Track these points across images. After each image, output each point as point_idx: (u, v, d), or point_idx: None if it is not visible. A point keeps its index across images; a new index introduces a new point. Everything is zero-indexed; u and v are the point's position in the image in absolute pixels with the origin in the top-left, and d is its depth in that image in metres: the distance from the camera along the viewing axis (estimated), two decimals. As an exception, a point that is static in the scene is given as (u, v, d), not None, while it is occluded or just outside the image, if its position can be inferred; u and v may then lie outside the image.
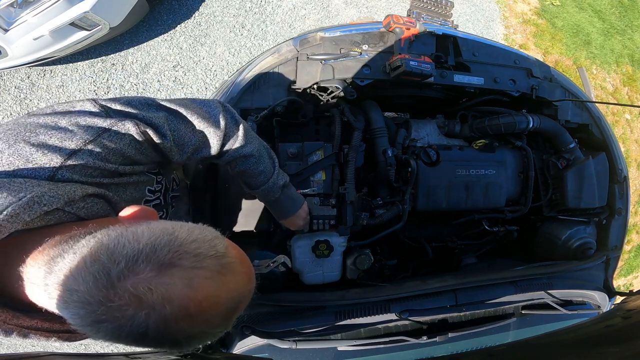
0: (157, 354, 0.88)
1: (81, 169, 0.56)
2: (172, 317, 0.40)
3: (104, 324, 0.39)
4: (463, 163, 1.35)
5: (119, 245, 0.42)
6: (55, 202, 0.50)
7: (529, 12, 3.72)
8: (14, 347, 2.41)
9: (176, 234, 0.45)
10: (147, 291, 0.39)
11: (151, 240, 0.43)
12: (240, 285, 0.48)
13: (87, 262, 0.40)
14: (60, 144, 0.55)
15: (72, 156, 0.55)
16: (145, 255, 0.41)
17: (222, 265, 0.45)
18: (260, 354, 1.14)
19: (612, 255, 1.50)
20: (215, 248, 0.46)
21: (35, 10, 2.00)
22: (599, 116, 1.56)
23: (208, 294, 0.43)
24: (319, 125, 1.38)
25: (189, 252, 0.43)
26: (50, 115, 0.58)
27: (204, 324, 0.44)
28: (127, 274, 0.39)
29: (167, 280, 0.41)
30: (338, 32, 1.30)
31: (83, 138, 0.56)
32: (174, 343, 0.43)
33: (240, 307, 0.49)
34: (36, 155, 0.53)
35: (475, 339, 1.28)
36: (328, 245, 1.18)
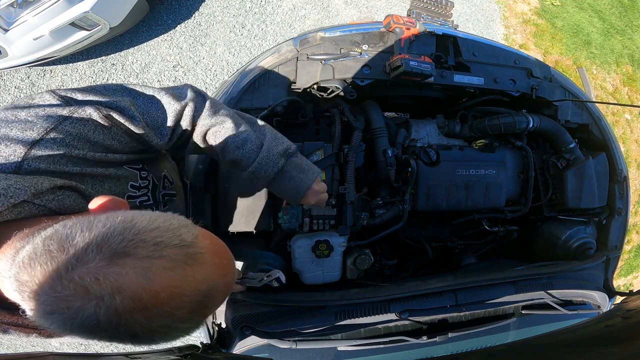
0: (157, 354, 0.88)
1: (47, 158, 0.56)
2: (124, 309, 0.38)
3: (54, 315, 0.38)
4: (463, 163, 1.35)
5: (71, 234, 0.40)
6: (21, 195, 0.50)
7: (529, 12, 3.72)
8: (14, 347, 2.41)
9: (135, 222, 0.43)
10: (94, 281, 0.38)
11: (105, 229, 0.41)
12: (210, 277, 0.45)
13: (38, 251, 0.39)
14: (21, 134, 0.55)
15: (35, 145, 0.55)
16: (97, 244, 0.39)
17: (188, 255, 0.43)
18: (260, 354, 1.14)
19: (612, 255, 1.50)
20: (180, 237, 0.44)
21: (35, 10, 2.00)
22: (599, 116, 1.56)
23: (166, 284, 0.40)
24: (319, 125, 1.38)
25: (146, 241, 0.41)
26: (10, 109, 0.58)
27: (166, 317, 0.41)
28: (75, 263, 0.38)
29: (118, 270, 0.39)
30: (338, 32, 1.30)
31: (44, 127, 0.56)
32: (133, 337, 0.41)
33: (212, 300, 0.46)
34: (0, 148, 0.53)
35: (475, 339, 1.27)
36: (328, 245, 1.18)
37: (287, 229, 1.21)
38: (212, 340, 1.22)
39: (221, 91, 1.32)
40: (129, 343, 0.42)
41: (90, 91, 0.64)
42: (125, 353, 0.81)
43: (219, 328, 1.21)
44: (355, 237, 1.29)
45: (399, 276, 1.50)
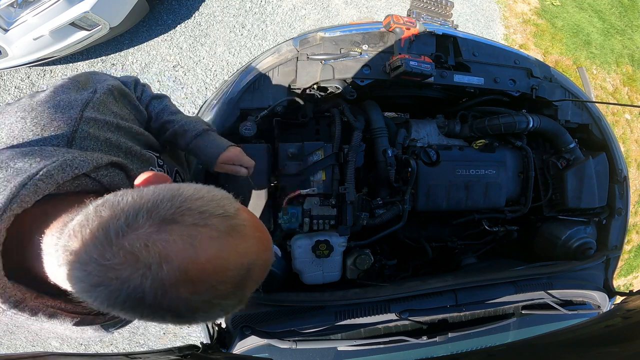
0: (157, 354, 0.88)
1: (93, 121, 0.61)
2: (170, 280, 0.37)
3: (100, 287, 0.37)
4: (463, 163, 1.35)
5: (122, 201, 0.40)
6: (85, 166, 0.53)
7: (529, 12, 3.72)
8: (14, 347, 2.41)
9: (181, 190, 0.43)
10: (144, 248, 0.37)
11: (154, 196, 0.41)
12: (251, 250, 0.44)
13: (90, 219, 0.39)
14: (72, 103, 0.61)
15: (84, 110, 0.61)
16: (147, 210, 0.39)
17: (230, 226, 0.42)
18: (260, 354, 1.14)
19: (612, 255, 1.50)
20: (223, 208, 0.43)
21: (35, 10, 2.00)
22: (599, 116, 1.56)
23: (211, 255, 0.40)
24: (319, 125, 1.38)
25: (192, 209, 0.41)
26: (51, 90, 0.64)
27: (209, 291, 0.40)
28: (125, 230, 0.38)
29: (166, 237, 0.38)
30: (338, 32, 1.30)
31: (85, 98, 0.64)
32: (175, 314, 0.40)
33: (253, 276, 0.44)
34: (57, 114, 0.58)
35: (475, 339, 1.28)
36: (328, 245, 1.18)
37: (287, 229, 1.21)
38: (212, 340, 1.22)
39: (221, 91, 1.32)
40: (169, 321, 0.41)
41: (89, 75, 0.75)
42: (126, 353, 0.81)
43: (219, 328, 1.21)
44: (355, 237, 1.29)
45: (399, 276, 1.50)
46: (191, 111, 2.61)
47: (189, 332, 2.55)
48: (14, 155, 0.51)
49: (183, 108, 2.62)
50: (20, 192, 0.45)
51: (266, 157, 1.19)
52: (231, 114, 1.23)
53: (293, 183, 1.22)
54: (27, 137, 0.55)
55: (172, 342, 2.54)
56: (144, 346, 2.49)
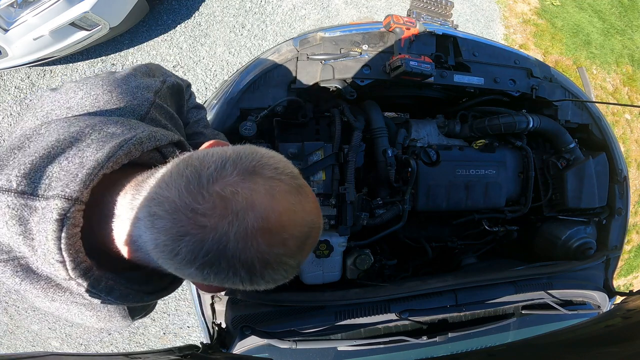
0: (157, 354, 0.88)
1: (160, 108, 0.64)
2: (253, 228, 0.39)
3: (186, 237, 0.38)
4: (463, 163, 1.35)
5: (208, 154, 0.42)
6: (164, 140, 0.55)
7: (529, 12, 3.72)
8: (14, 347, 2.41)
9: (255, 149, 0.45)
10: (234, 193, 0.39)
11: (236, 151, 0.43)
12: (313, 211, 0.46)
13: (181, 167, 0.41)
14: (148, 87, 0.64)
15: (157, 94, 0.65)
16: (232, 161, 0.41)
17: (298, 185, 0.45)
18: (260, 354, 1.14)
19: (612, 255, 1.50)
20: (290, 168, 0.46)
21: (35, 10, 2.00)
22: (599, 116, 1.56)
23: (287, 207, 0.42)
24: (319, 125, 1.38)
25: (269, 165, 0.43)
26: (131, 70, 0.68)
27: (281, 245, 0.41)
28: (216, 176, 0.39)
29: (252, 186, 0.40)
30: (338, 32, 1.30)
31: (157, 86, 0.67)
32: (249, 268, 0.41)
33: (311, 239, 0.46)
34: (137, 94, 0.62)
35: (475, 339, 1.28)
36: (328, 245, 1.18)
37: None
38: (212, 340, 1.22)
39: (221, 91, 1.32)
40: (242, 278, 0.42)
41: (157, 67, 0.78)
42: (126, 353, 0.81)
43: (219, 328, 1.21)
44: (355, 237, 1.29)
45: (399, 276, 1.50)
46: (191, 111, 2.60)
47: (189, 332, 2.55)
48: (106, 121, 0.53)
49: (183, 108, 2.62)
50: (117, 153, 0.46)
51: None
52: (231, 114, 1.23)
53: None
54: (111, 108, 0.58)
55: (172, 342, 2.54)
56: (144, 346, 2.49)
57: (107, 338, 2.48)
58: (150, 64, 0.76)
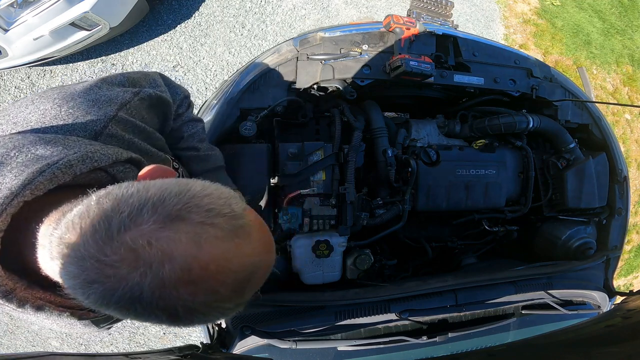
0: (157, 354, 0.88)
1: (124, 123, 0.62)
2: (171, 279, 0.35)
3: (95, 285, 0.35)
4: (463, 163, 1.35)
5: (127, 193, 0.38)
6: (104, 160, 0.52)
7: (529, 12, 3.72)
8: (14, 347, 2.41)
9: (190, 186, 0.41)
10: (146, 245, 0.35)
11: (161, 190, 0.39)
12: (255, 253, 0.42)
13: (91, 210, 0.37)
14: (110, 100, 0.62)
15: (120, 110, 0.62)
16: (152, 204, 0.37)
17: (237, 227, 0.40)
18: (260, 354, 1.14)
19: (612, 255, 1.50)
20: (230, 207, 0.41)
21: (35, 10, 2.00)
22: (599, 116, 1.56)
23: (216, 255, 0.38)
24: (319, 125, 1.38)
25: (200, 206, 0.39)
26: (97, 81, 0.66)
27: (209, 293, 0.38)
28: (128, 224, 0.36)
29: (172, 235, 0.36)
30: (338, 32, 1.30)
31: (124, 98, 0.64)
32: (172, 315, 0.38)
33: (254, 280, 0.43)
34: (92, 109, 0.58)
35: (475, 339, 1.28)
36: (328, 245, 1.18)
37: (287, 229, 1.21)
38: (212, 340, 1.22)
39: (221, 91, 1.32)
40: (165, 322, 0.39)
41: (140, 74, 0.76)
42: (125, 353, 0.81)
43: (219, 328, 1.21)
44: (355, 237, 1.29)
45: (399, 276, 1.50)
46: (191, 111, 2.61)
47: (189, 332, 2.55)
48: (37, 140, 0.50)
49: (183, 108, 2.62)
50: (36, 179, 0.44)
51: (266, 157, 1.19)
52: (231, 114, 1.23)
53: (293, 183, 1.22)
54: (57, 124, 0.55)
55: (172, 342, 2.54)
56: (144, 346, 2.49)
57: (107, 338, 2.48)
58: (133, 72, 0.74)
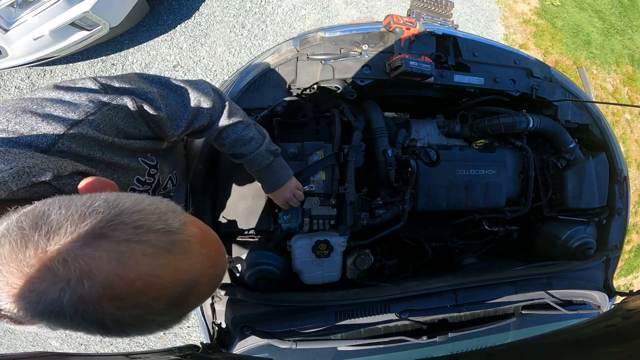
0: (157, 354, 0.88)
1: (81, 138, 0.58)
2: (92, 296, 0.35)
3: (18, 298, 0.36)
4: (463, 163, 1.35)
5: (47, 212, 0.38)
6: (43, 175, 0.50)
7: (529, 12, 3.72)
8: (14, 347, 2.41)
9: (118, 202, 0.40)
10: (62, 263, 0.35)
11: (84, 208, 0.38)
12: (195, 268, 0.42)
13: (10, 229, 0.37)
14: (64, 114, 0.57)
15: (75, 126, 0.58)
16: (72, 222, 0.36)
17: (171, 242, 0.40)
18: (260, 354, 1.14)
19: (612, 255, 1.50)
20: (166, 222, 0.41)
21: (35, 10, 2.00)
22: (599, 116, 1.55)
23: (143, 272, 0.37)
24: (319, 125, 1.38)
25: (127, 223, 0.38)
26: (54, 90, 0.61)
27: (140, 308, 0.38)
28: (45, 243, 0.35)
29: (91, 253, 0.36)
30: (338, 32, 1.30)
31: (85, 110, 0.59)
32: (102, 327, 0.38)
33: (195, 293, 0.42)
34: (41, 125, 0.55)
35: (475, 339, 1.27)
36: (328, 245, 1.17)
37: (287, 229, 1.21)
38: (212, 340, 1.22)
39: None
40: (97, 334, 0.39)
41: (125, 80, 0.69)
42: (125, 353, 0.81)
43: (219, 328, 1.21)
44: (355, 237, 1.29)
45: (399, 276, 1.50)
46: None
47: (189, 332, 2.55)
48: None
49: (183, 108, 2.62)
50: None
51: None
52: (231, 114, 1.23)
53: (293, 183, 1.22)
54: (3, 137, 0.54)
55: (172, 342, 2.54)
56: (144, 346, 2.49)
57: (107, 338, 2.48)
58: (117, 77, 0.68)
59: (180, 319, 0.44)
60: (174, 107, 0.76)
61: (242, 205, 1.20)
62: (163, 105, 0.72)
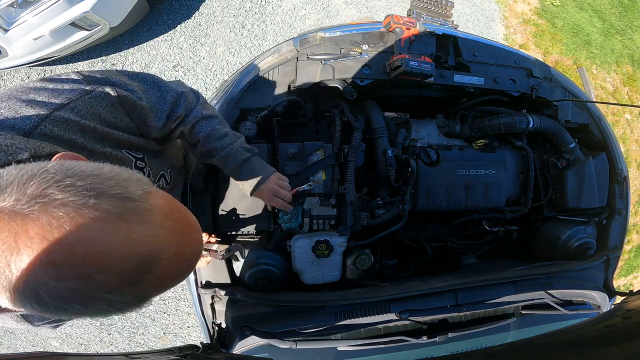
0: (157, 354, 0.88)
1: (64, 122, 0.60)
2: (25, 262, 0.32)
3: None
4: (463, 163, 1.35)
5: (3, 172, 0.36)
6: (20, 154, 0.51)
7: (529, 12, 3.72)
8: (14, 347, 2.41)
9: (75, 166, 0.37)
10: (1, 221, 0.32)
11: (37, 169, 0.36)
12: (155, 240, 0.37)
13: None
14: (47, 100, 0.60)
15: (58, 110, 0.60)
16: (20, 182, 0.34)
17: (127, 209, 0.36)
18: (260, 354, 1.14)
19: (612, 255, 1.50)
20: (125, 188, 0.37)
21: (35, 10, 2.00)
22: (599, 116, 1.55)
23: (86, 237, 0.33)
24: (319, 125, 1.38)
25: (77, 186, 0.35)
26: (39, 81, 0.64)
27: (81, 280, 0.33)
28: None
29: (30, 212, 0.33)
30: (338, 32, 1.30)
31: (68, 96, 0.62)
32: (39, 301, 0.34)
33: (156, 271, 0.37)
34: (25, 109, 0.57)
35: (475, 339, 1.27)
36: (328, 245, 1.17)
37: (287, 229, 1.21)
38: (212, 340, 1.22)
39: (221, 91, 1.32)
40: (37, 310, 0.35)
41: (106, 74, 0.71)
42: (125, 353, 0.81)
43: (219, 328, 1.21)
44: (355, 237, 1.29)
45: (399, 276, 1.50)
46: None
47: (189, 332, 2.55)
48: None
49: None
50: None
51: (266, 157, 1.19)
52: (231, 114, 1.23)
53: (293, 183, 1.22)
54: None
55: (172, 342, 2.54)
56: (144, 346, 2.49)
57: (107, 338, 2.48)
58: (99, 71, 0.71)
59: (139, 302, 0.39)
60: (154, 100, 0.78)
61: (242, 205, 1.20)
62: (144, 96, 0.74)
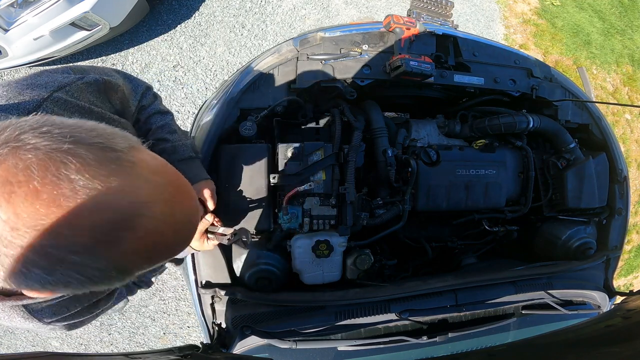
0: (157, 354, 0.88)
1: (63, 102, 0.65)
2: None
3: None
4: (463, 163, 1.35)
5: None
6: None
7: (529, 12, 3.72)
8: (14, 347, 2.41)
9: (57, 118, 0.35)
10: None
11: (17, 120, 0.34)
12: (137, 193, 0.33)
13: None
14: (45, 83, 0.65)
15: (56, 92, 0.65)
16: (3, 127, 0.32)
17: (108, 158, 0.32)
18: (260, 354, 1.14)
19: (612, 255, 1.50)
20: (108, 140, 0.34)
21: (35, 10, 2.00)
22: (599, 116, 1.56)
23: (54, 183, 0.30)
24: (319, 125, 1.38)
25: (53, 133, 0.31)
26: (34, 72, 0.70)
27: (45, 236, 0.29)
28: None
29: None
30: (338, 32, 1.30)
31: (62, 82, 0.68)
32: None
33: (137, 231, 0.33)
34: (26, 91, 0.62)
35: (475, 339, 1.27)
36: (328, 245, 1.17)
37: (287, 229, 1.21)
38: (212, 340, 1.22)
39: (221, 91, 1.32)
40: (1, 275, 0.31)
41: (88, 67, 0.81)
42: (125, 353, 0.81)
43: (219, 328, 1.21)
44: (355, 237, 1.29)
45: (399, 276, 1.50)
46: (191, 111, 2.61)
47: (189, 332, 2.55)
48: None
49: (183, 108, 2.62)
50: None
51: (266, 157, 1.19)
52: (231, 114, 1.23)
53: (293, 183, 1.22)
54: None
55: (172, 342, 2.54)
56: (144, 346, 2.49)
57: (107, 338, 2.48)
58: (81, 64, 0.79)
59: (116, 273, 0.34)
60: (129, 88, 0.89)
61: (242, 206, 1.20)
62: (121, 83, 0.84)
